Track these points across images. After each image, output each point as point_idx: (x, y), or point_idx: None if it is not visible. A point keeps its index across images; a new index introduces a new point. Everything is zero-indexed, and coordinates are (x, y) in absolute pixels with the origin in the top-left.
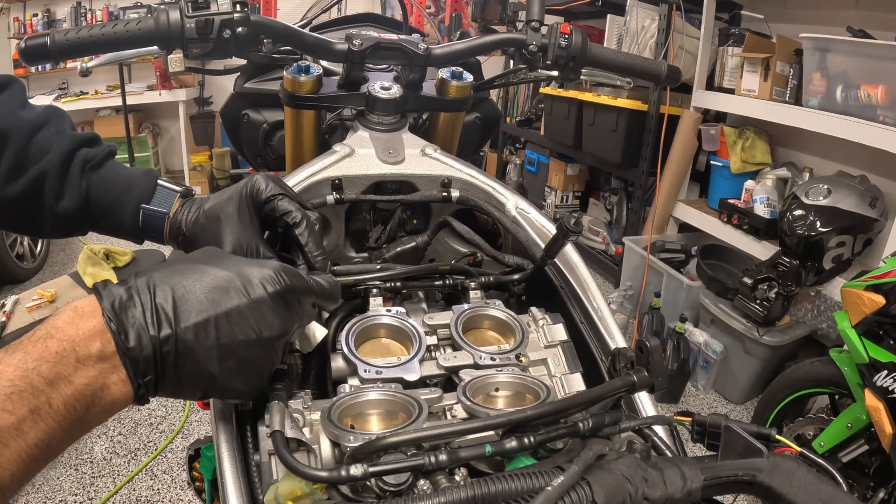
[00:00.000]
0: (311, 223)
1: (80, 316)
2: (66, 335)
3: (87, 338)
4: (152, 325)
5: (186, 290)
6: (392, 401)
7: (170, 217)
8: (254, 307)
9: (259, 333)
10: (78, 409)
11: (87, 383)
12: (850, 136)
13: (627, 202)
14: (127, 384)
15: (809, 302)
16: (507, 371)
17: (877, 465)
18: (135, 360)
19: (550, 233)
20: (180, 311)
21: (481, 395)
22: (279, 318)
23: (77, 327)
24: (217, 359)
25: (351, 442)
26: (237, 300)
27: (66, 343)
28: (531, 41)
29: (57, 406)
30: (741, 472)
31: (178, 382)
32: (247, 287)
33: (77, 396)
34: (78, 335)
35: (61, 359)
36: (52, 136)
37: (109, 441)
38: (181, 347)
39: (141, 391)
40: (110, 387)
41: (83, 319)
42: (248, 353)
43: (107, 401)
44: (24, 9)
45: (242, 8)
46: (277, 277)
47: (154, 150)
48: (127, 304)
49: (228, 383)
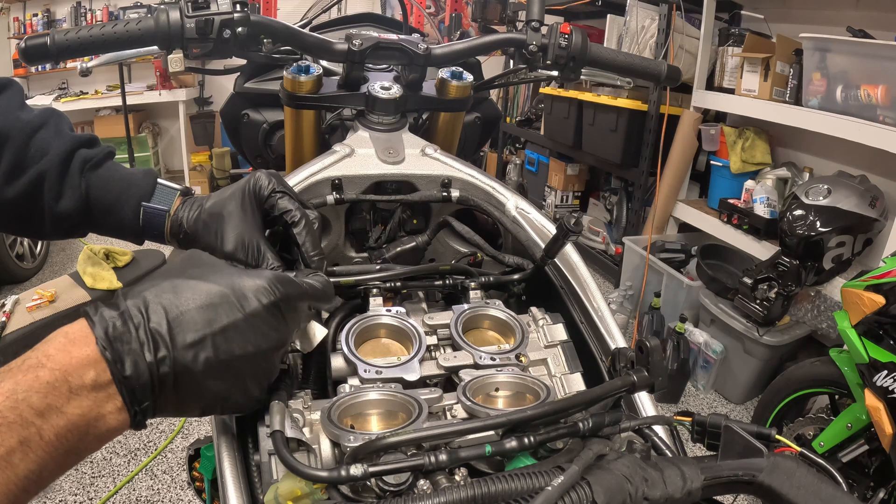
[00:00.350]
0: (309, 223)
1: (73, 343)
2: (57, 364)
3: (80, 366)
4: (149, 352)
5: (180, 311)
6: (392, 401)
7: (170, 215)
8: (249, 321)
9: (257, 346)
10: (71, 440)
11: (81, 413)
12: (850, 136)
13: (627, 202)
14: (123, 412)
15: (809, 302)
16: (507, 371)
17: (877, 465)
18: (131, 388)
19: (550, 233)
20: (175, 333)
21: (481, 395)
22: (275, 330)
23: (70, 355)
24: (216, 376)
25: (351, 442)
26: (232, 316)
27: (58, 372)
28: (531, 41)
29: (48, 437)
30: (741, 472)
31: (177, 403)
32: (241, 301)
33: (70, 427)
34: (70, 364)
35: (53, 389)
36: (50, 137)
37: (109, 441)
38: (179, 369)
39: (138, 417)
40: (105, 416)
41: (76, 347)
42: (247, 367)
43: (102, 430)
44: (24, 9)
45: (242, 8)
46: (271, 288)
47: (154, 150)
48: (121, 331)
49: (229, 398)
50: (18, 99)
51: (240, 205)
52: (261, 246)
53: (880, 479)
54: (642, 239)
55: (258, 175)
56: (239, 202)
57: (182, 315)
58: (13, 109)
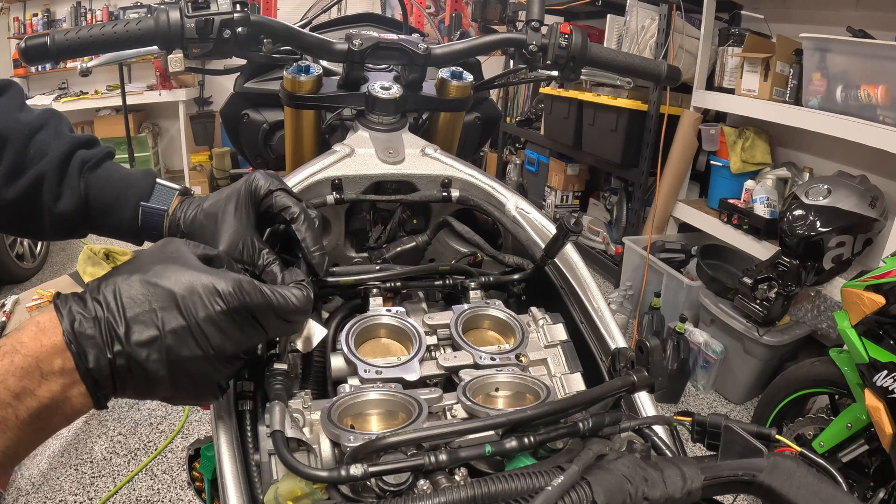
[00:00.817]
0: (309, 218)
1: (43, 332)
2: (30, 350)
3: (49, 354)
4: (107, 346)
5: (138, 309)
6: (392, 401)
7: (169, 214)
8: (200, 326)
9: (206, 351)
10: (42, 419)
11: (51, 396)
12: (850, 136)
13: (627, 202)
14: (87, 396)
15: (809, 302)
16: (507, 371)
17: (877, 465)
18: (94, 378)
19: (550, 233)
20: (131, 331)
21: (481, 395)
22: (227, 337)
23: (40, 343)
24: (167, 373)
25: (351, 442)
26: (182, 320)
27: (31, 359)
28: (531, 41)
29: (23, 417)
30: (741, 472)
31: (135, 389)
32: (194, 305)
33: (41, 408)
34: (41, 351)
35: (27, 374)
36: (49, 139)
37: (109, 441)
38: (132, 363)
39: (101, 401)
40: (72, 399)
41: (45, 335)
42: (198, 369)
43: (68, 410)
44: (24, 9)
45: (242, 8)
46: (232, 294)
47: (154, 150)
48: (83, 326)
49: (181, 394)
50: (18, 100)
51: (236, 205)
52: (256, 244)
53: (880, 479)
54: (642, 239)
55: (255, 175)
56: (235, 202)
57: (139, 314)
58: (13, 111)
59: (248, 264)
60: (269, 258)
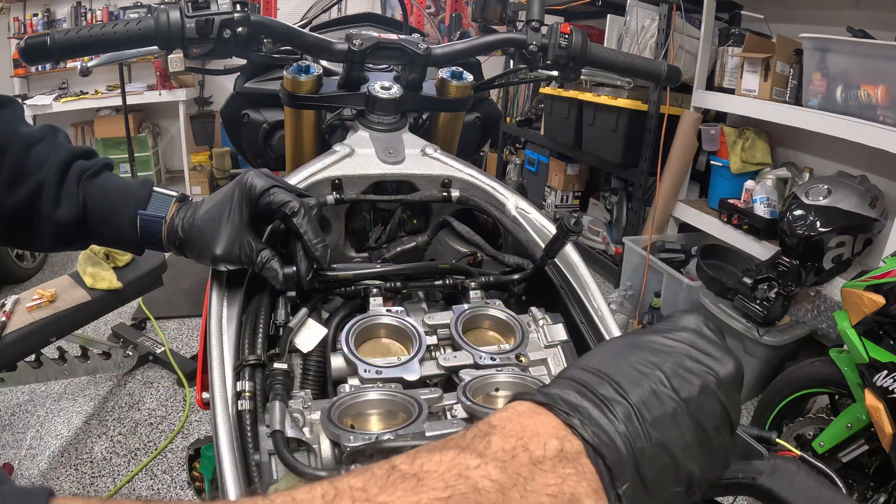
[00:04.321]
0: (308, 211)
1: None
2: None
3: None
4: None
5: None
6: (392, 401)
7: (166, 222)
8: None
9: None
10: None
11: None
12: (850, 136)
13: (627, 202)
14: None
15: (809, 302)
16: (507, 371)
17: (877, 466)
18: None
19: (550, 233)
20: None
21: (481, 395)
22: None
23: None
24: (681, 448)
25: (351, 442)
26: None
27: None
28: (531, 41)
29: None
30: (741, 475)
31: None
32: None
33: None
34: (525, 432)
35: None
36: (48, 149)
37: (109, 441)
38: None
39: None
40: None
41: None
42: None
43: None
44: (24, 9)
45: (242, 8)
46: None
47: (154, 150)
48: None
49: (687, 463)
50: (18, 115)
51: (230, 206)
52: (252, 243)
53: (880, 479)
54: (642, 239)
55: (248, 175)
56: (230, 204)
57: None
58: (13, 123)
59: (246, 264)
60: (267, 256)
